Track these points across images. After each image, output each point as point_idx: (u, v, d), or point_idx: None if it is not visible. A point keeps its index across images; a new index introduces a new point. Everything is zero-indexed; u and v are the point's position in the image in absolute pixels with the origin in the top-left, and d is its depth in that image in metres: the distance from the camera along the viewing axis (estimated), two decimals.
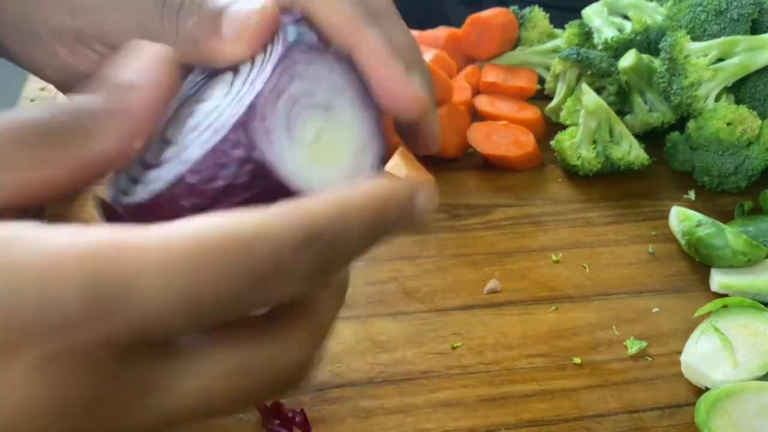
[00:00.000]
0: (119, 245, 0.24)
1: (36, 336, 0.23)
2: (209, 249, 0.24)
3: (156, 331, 0.24)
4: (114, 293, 0.23)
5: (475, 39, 0.78)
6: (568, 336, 0.54)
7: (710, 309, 0.53)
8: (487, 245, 0.62)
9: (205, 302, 0.24)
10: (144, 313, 0.24)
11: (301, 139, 0.30)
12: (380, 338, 0.53)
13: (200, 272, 0.24)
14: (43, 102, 0.71)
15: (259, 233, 0.25)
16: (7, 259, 0.23)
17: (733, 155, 0.66)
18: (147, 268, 0.23)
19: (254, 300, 0.26)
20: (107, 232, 0.24)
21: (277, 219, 0.25)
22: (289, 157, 0.29)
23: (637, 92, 0.73)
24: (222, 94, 0.31)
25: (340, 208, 0.27)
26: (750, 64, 0.66)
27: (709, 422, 0.46)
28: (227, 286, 0.25)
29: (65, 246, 0.23)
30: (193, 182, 0.28)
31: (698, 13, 0.70)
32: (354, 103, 0.32)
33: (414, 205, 0.29)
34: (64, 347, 0.23)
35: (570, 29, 0.78)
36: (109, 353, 0.24)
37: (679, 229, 0.61)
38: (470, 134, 0.69)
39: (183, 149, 0.29)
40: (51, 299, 0.23)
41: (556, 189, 0.68)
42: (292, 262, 0.25)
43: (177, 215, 0.26)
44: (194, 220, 0.25)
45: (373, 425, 0.47)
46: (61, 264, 0.23)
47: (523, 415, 0.48)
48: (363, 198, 0.27)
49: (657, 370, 0.52)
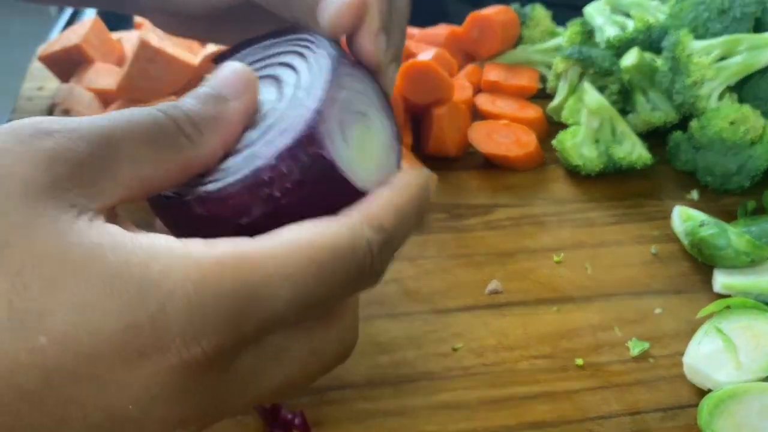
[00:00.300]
0: (247, 257, 0.28)
1: (183, 340, 0.27)
2: (318, 259, 0.29)
3: (274, 329, 0.29)
4: (249, 301, 0.27)
5: (477, 37, 0.78)
6: (570, 337, 0.54)
7: (713, 310, 0.53)
8: (488, 245, 0.61)
9: (314, 302, 0.29)
10: (271, 315, 0.28)
11: (351, 141, 0.34)
12: (380, 339, 0.52)
13: (314, 278, 0.29)
14: (41, 101, 0.71)
15: (354, 243, 0.30)
16: (161, 267, 0.26)
17: (736, 155, 0.66)
18: (272, 277, 0.28)
19: (348, 296, 0.32)
20: (230, 245, 0.28)
21: (363, 228, 0.31)
22: (345, 156, 0.33)
23: (639, 91, 0.73)
24: (274, 99, 0.35)
25: (397, 209, 0.33)
26: (753, 63, 0.66)
27: (712, 424, 0.46)
28: (333, 288, 0.30)
29: (205, 258, 0.27)
30: (271, 176, 0.32)
31: (701, 11, 0.69)
32: (381, 112, 0.37)
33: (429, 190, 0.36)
34: (205, 351, 0.27)
35: (572, 27, 0.78)
36: (238, 349, 0.29)
37: (681, 230, 0.61)
38: (471, 133, 0.69)
39: (251, 147, 0.33)
40: (199, 307, 0.27)
41: (558, 189, 0.68)
42: (378, 262, 0.31)
43: (250, 204, 0.32)
44: (297, 230, 0.30)
45: (372, 427, 0.47)
46: (206, 276, 0.27)
47: (525, 417, 0.48)
48: (408, 195, 0.34)
49: (659, 372, 0.52)
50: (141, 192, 0.30)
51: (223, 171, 0.33)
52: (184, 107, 0.32)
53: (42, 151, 0.27)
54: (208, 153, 0.32)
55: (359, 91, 0.36)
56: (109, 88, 0.68)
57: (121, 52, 0.73)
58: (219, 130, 0.32)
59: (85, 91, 0.68)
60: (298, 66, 0.36)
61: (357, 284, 0.31)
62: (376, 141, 0.36)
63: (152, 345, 0.26)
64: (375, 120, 0.36)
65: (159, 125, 0.30)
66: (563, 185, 0.68)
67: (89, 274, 0.26)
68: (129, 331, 0.26)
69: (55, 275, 0.26)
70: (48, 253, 0.26)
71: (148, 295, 0.26)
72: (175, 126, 0.31)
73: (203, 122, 0.32)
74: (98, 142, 0.28)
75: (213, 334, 0.27)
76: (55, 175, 0.27)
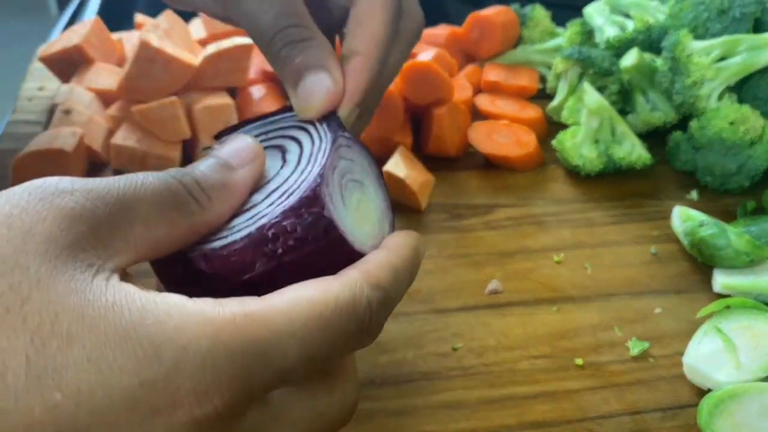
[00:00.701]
0: (256, 315, 0.29)
1: (196, 397, 0.27)
2: (323, 316, 0.31)
3: (282, 385, 0.31)
4: (259, 358, 0.29)
5: (477, 37, 0.78)
6: (569, 337, 0.54)
7: (713, 310, 0.53)
8: (488, 245, 0.61)
9: (319, 357, 0.31)
10: (280, 370, 0.30)
11: (350, 205, 0.37)
12: (380, 339, 0.52)
13: (320, 334, 0.30)
14: (42, 101, 0.71)
15: (355, 301, 0.32)
16: (175, 325, 0.27)
17: (735, 155, 0.66)
18: (281, 334, 0.29)
19: (348, 352, 0.33)
20: (239, 304, 0.29)
21: (363, 286, 0.33)
22: (345, 218, 0.36)
23: (639, 91, 0.73)
24: (278, 166, 0.37)
25: (393, 269, 0.35)
26: (753, 63, 0.66)
27: (712, 424, 0.46)
28: (335, 344, 0.31)
29: (218, 316, 0.28)
30: (275, 232, 0.34)
31: (701, 11, 0.69)
32: (375, 182, 0.39)
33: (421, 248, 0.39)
34: (216, 407, 0.28)
35: (572, 28, 0.78)
36: (247, 406, 0.30)
37: (681, 230, 0.61)
38: (471, 134, 0.69)
39: (256, 207, 0.35)
40: (212, 365, 0.28)
41: (558, 189, 0.68)
42: (376, 320, 0.33)
43: (253, 260, 0.33)
44: (301, 288, 0.31)
45: (373, 427, 0.47)
46: (218, 334, 0.28)
47: (525, 417, 0.48)
48: (403, 256, 0.36)
49: (659, 372, 0.52)
50: (151, 253, 0.31)
51: (228, 230, 0.34)
52: (195, 174, 0.33)
53: (63, 210, 0.28)
54: (216, 217, 0.34)
55: (356, 162, 0.38)
56: (110, 88, 0.68)
57: (121, 52, 0.73)
58: (227, 196, 0.34)
59: (86, 92, 0.68)
60: (301, 138, 0.38)
61: (357, 340, 0.33)
62: (372, 207, 0.38)
63: (165, 401, 0.27)
64: (370, 189, 0.39)
65: (171, 190, 0.32)
66: (563, 185, 0.68)
67: (105, 331, 0.27)
68: (143, 387, 0.27)
69: (72, 332, 0.26)
70: (66, 309, 0.27)
71: (162, 353, 0.27)
72: (186, 191, 0.32)
73: (212, 189, 0.33)
74: (114, 204, 0.30)
75: (225, 391, 0.28)
76: (75, 234, 0.28)
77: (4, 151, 0.64)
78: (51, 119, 0.65)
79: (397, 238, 0.37)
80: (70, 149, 0.60)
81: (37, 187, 0.29)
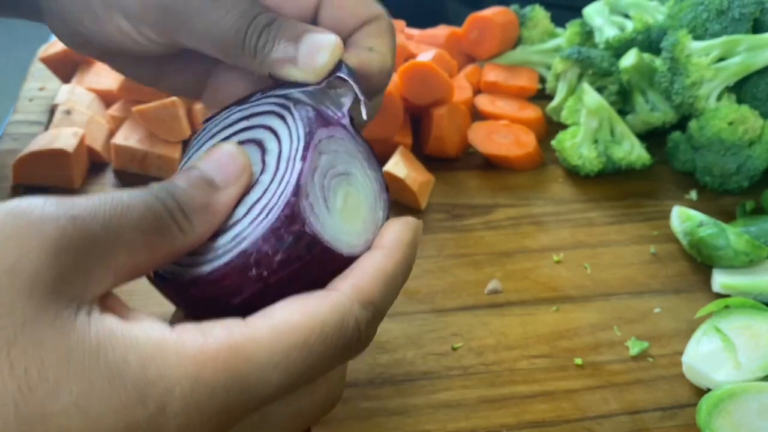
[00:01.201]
0: (239, 349, 0.29)
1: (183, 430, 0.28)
2: (307, 343, 0.31)
3: (261, 408, 0.31)
4: (242, 392, 0.29)
5: (476, 38, 0.78)
6: (569, 337, 0.54)
7: (712, 309, 0.53)
8: (487, 245, 0.61)
9: (303, 378, 0.31)
10: (261, 399, 0.30)
11: (335, 207, 0.35)
12: (380, 339, 0.52)
13: (303, 362, 0.31)
14: (42, 102, 0.71)
15: (343, 324, 0.32)
16: (158, 366, 0.28)
17: (735, 155, 0.66)
18: (263, 365, 0.30)
19: (334, 368, 0.33)
20: (224, 334, 0.30)
21: (353, 306, 0.32)
22: (329, 224, 0.35)
23: (638, 92, 0.73)
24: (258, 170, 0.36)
25: (387, 276, 0.34)
26: (752, 64, 0.66)
27: (711, 423, 0.46)
28: (319, 367, 0.32)
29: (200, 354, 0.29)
30: (257, 258, 0.33)
31: (700, 12, 0.70)
32: (365, 165, 0.38)
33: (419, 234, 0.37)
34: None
35: (571, 28, 0.78)
36: (228, 429, 0.30)
37: (680, 230, 0.61)
38: (471, 134, 0.69)
39: (238, 224, 0.34)
40: (195, 405, 0.28)
41: (558, 189, 0.68)
42: (365, 337, 0.33)
43: (241, 284, 0.33)
44: (287, 312, 0.31)
45: (373, 426, 0.47)
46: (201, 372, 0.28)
47: (524, 416, 0.48)
48: (398, 257, 0.35)
49: (658, 371, 0.52)
50: (131, 277, 0.31)
51: (212, 251, 0.34)
52: (178, 194, 0.33)
53: (48, 240, 0.28)
54: (197, 240, 0.33)
55: (339, 151, 0.37)
56: (111, 88, 0.68)
57: None
58: (209, 219, 0.34)
59: (86, 92, 0.68)
60: (279, 131, 0.37)
61: (343, 358, 0.33)
62: (362, 198, 0.37)
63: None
64: (359, 176, 0.37)
65: (154, 214, 0.31)
66: (563, 185, 0.68)
67: (90, 377, 0.27)
68: (128, 430, 0.28)
69: (59, 378, 0.27)
70: (51, 354, 0.27)
71: (146, 396, 0.28)
72: (169, 215, 0.32)
73: (194, 213, 0.33)
74: (100, 231, 0.29)
75: (207, 423, 0.29)
76: (60, 268, 0.28)
77: (5, 151, 0.64)
78: (52, 119, 0.65)
79: (392, 233, 0.36)
80: (70, 149, 0.60)
81: (23, 211, 0.28)
